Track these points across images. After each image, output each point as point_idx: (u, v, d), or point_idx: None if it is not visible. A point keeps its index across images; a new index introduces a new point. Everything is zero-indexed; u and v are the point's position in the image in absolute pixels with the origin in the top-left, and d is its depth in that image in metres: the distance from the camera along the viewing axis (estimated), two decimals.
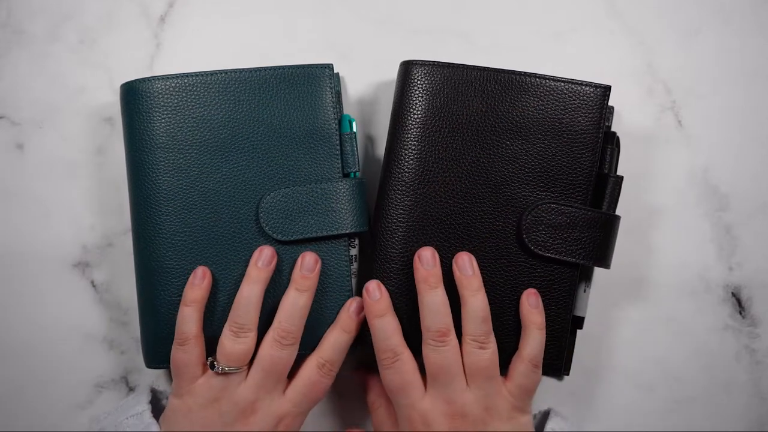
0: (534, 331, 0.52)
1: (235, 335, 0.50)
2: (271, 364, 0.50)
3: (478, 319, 0.50)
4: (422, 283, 0.51)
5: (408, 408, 0.50)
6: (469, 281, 0.51)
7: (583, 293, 0.55)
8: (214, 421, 0.50)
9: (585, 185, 0.54)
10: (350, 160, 0.55)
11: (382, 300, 0.51)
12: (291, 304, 0.51)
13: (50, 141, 0.60)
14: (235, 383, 0.50)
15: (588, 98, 0.53)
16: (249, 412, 0.50)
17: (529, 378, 0.51)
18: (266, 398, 0.50)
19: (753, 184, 0.60)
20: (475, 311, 0.50)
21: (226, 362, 0.50)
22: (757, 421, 0.59)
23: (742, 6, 0.60)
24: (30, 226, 0.59)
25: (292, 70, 0.55)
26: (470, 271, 0.51)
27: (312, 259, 0.52)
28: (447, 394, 0.50)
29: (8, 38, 0.60)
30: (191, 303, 0.51)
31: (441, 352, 0.50)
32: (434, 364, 0.50)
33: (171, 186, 0.53)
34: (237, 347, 0.50)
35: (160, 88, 0.53)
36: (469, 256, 0.52)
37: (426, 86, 0.54)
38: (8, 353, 0.59)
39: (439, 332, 0.50)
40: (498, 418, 0.50)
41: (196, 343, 0.51)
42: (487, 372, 0.50)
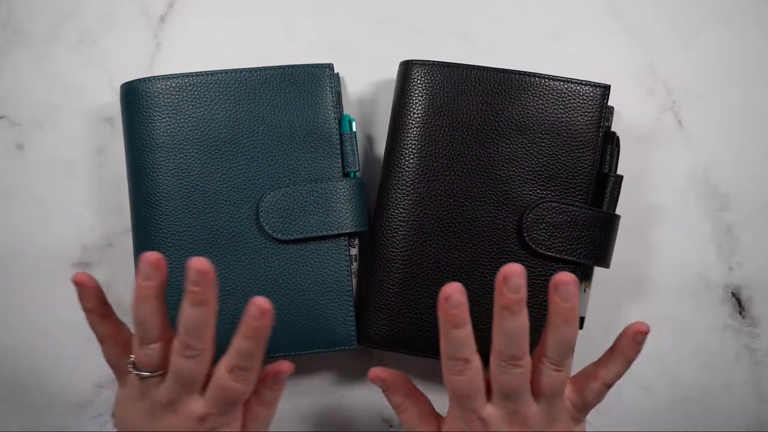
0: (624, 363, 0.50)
1: (141, 345, 0.48)
2: (179, 372, 0.47)
3: (564, 349, 0.47)
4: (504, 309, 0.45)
5: (471, 413, 0.48)
6: (566, 311, 0.46)
7: (583, 293, 0.55)
8: (145, 412, 0.49)
9: (585, 184, 0.54)
10: (350, 159, 0.55)
11: (465, 308, 0.46)
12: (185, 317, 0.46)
13: (50, 141, 0.60)
14: (154, 384, 0.48)
15: (587, 98, 0.54)
16: (171, 410, 0.48)
17: (596, 400, 0.50)
18: (183, 400, 0.48)
19: (753, 184, 0.60)
20: (563, 340, 0.47)
21: (139, 368, 0.48)
22: (756, 421, 0.59)
23: (742, 6, 0.60)
24: (30, 226, 0.59)
25: (292, 70, 0.55)
26: (571, 302, 0.46)
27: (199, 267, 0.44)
28: (513, 406, 0.48)
29: (8, 38, 0.60)
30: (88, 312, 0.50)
31: (513, 374, 0.47)
32: (505, 383, 0.47)
33: (171, 186, 0.53)
34: (145, 358, 0.48)
35: (160, 88, 0.53)
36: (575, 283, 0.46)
37: (426, 86, 0.54)
38: (8, 353, 0.59)
39: (515, 357, 0.46)
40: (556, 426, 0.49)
41: (112, 343, 0.50)
42: (556, 391, 0.48)
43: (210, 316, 0.46)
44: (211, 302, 0.46)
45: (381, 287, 0.54)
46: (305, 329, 0.53)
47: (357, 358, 0.59)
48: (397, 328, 0.54)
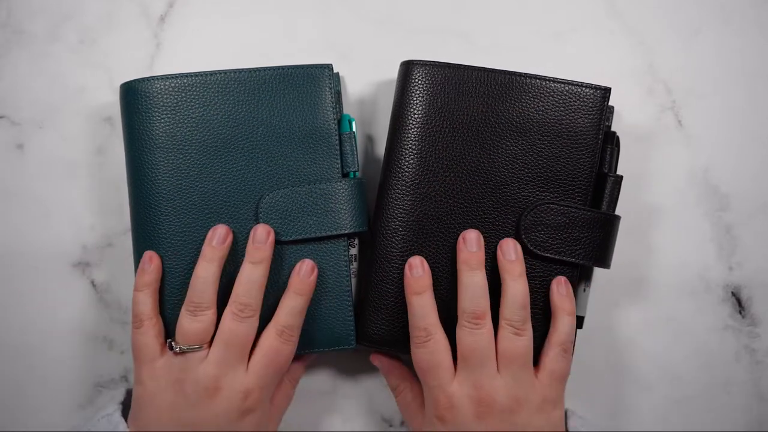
0: (564, 317, 0.52)
1: (192, 314, 0.50)
2: (231, 338, 0.49)
3: (517, 305, 0.50)
4: (463, 264, 0.51)
5: (436, 389, 0.50)
6: (512, 266, 0.51)
7: (583, 293, 0.55)
8: (179, 403, 0.49)
9: (585, 186, 0.54)
10: (350, 159, 0.55)
11: (425, 277, 0.51)
12: (246, 277, 0.50)
13: (50, 141, 0.60)
14: (196, 362, 0.49)
15: (588, 100, 0.54)
16: (213, 390, 0.49)
17: (559, 363, 0.51)
18: (229, 374, 0.49)
19: (753, 184, 0.60)
20: (514, 296, 0.50)
21: (184, 341, 0.49)
22: (757, 421, 0.59)
23: (742, 6, 0.60)
24: (30, 226, 0.59)
25: (291, 70, 0.55)
26: (513, 256, 0.51)
27: (264, 230, 0.51)
28: (476, 378, 0.49)
29: (8, 38, 0.60)
30: (142, 288, 0.51)
31: (475, 334, 0.49)
32: (467, 346, 0.49)
33: (170, 186, 0.53)
34: (195, 326, 0.49)
35: (160, 88, 0.53)
36: (514, 242, 0.52)
37: (426, 86, 0.54)
38: (8, 353, 0.59)
39: (474, 314, 0.50)
40: (527, 409, 0.49)
41: (151, 325, 0.51)
42: (520, 360, 0.50)
43: (265, 278, 0.51)
44: (268, 263, 0.51)
45: (380, 287, 0.54)
46: (305, 329, 0.53)
47: (357, 357, 0.59)
48: (395, 327, 0.54)
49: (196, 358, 0.49)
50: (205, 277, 0.50)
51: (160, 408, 0.49)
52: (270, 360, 0.50)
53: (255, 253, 0.51)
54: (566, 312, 0.52)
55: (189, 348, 0.49)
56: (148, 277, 0.52)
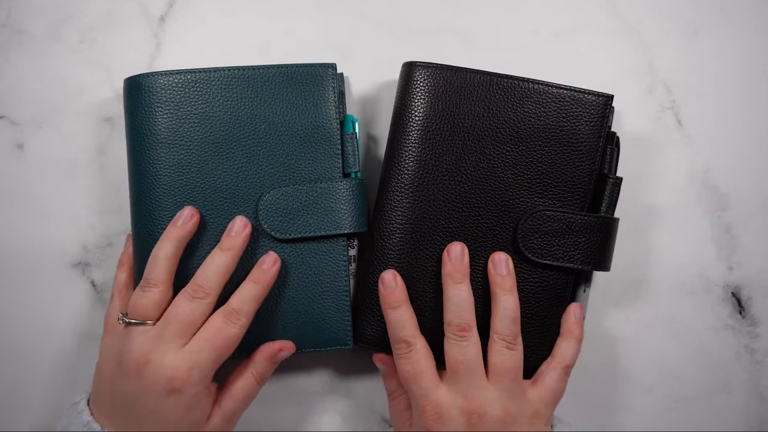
0: (572, 342, 0.52)
1: (142, 289, 0.50)
2: (174, 314, 0.49)
3: (508, 319, 0.50)
4: (448, 277, 0.51)
5: (422, 399, 0.50)
6: (503, 280, 0.51)
7: (583, 293, 0.55)
8: (117, 374, 0.49)
9: (583, 192, 0.53)
10: (351, 160, 0.55)
11: (398, 291, 0.52)
12: (210, 262, 0.51)
13: (50, 141, 0.60)
14: (137, 334, 0.49)
15: (590, 106, 0.53)
16: (142, 363, 0.48)
17: (558, 384, 0.51)
18: (161, 349, 0.48)
19: (753, 184, 0.60)
20: (506, 310, 0.51)
21: (131, 315, 0.50)
22: (757, 421, 0.59)
23: (742, 6, 0.60)
24: (30, 226, 0.59)
25: (295, 69, 0.55)
26: (505, 271, 0.52)
27: (242, 222, 0.52)
28: (466, 389, 0.49)
29: (8, 38, 0.60)
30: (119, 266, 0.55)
31: (462, 347, 0.50)
32: (454, 358, 0.50)
33: (172, 182, 0.53)
34: (141, 300, 0.49)
35: (163, 83, 0.53)
36: (506, 256, 0.52)
37: (428, 89, 0.54)
38: (8, 353, 0.59)
39: (459, 327, 0.50)
40: (519, 423, 0.49)
41: (119, 297, 0.54)
42: (512, 374, 0.50)
43: (231, 266, 0.51)
44: (237, 254, 0.51)
45: (377, 289, 0.54)
46: (302, 328, 0.53)
47: (356, 358, 0.59)
48: None
49: (138, 331, 0.49)
50: (160, 254, 0.50)
51: (104, 377, 0.50)
52: (208, 339, 0.49)
53: (226, 240, 0.51)
54: (575, 338, 0.52)
55: (132, 321, 0.50)
56: (123, 256, 0.55)
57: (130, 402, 0.49)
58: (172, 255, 0.51)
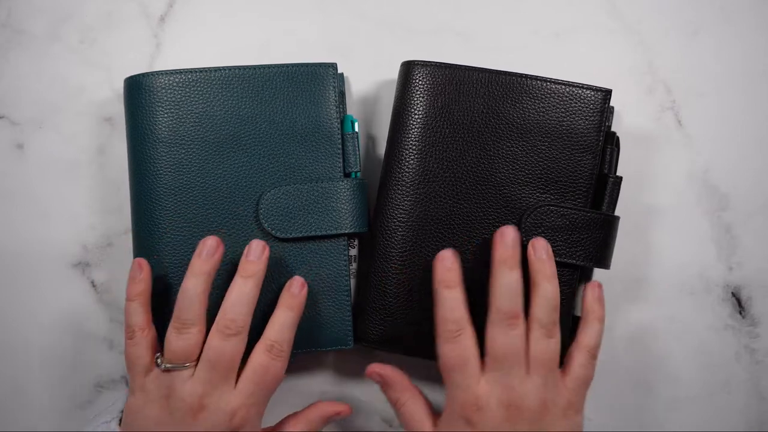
0: (596, 323, 0.51)
1: (179, 332, 0.48)
2: (216, 356, 0.48)
3: (550, 307, 0.49)
4: (501, 263, 0.49)
5: (463, 389, 0.48)
6: (543, 265, 0.50)
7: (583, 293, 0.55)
8: (165, 418, 0.48)
9: (585, 187, 0.54)
10: (352, 160, 0.55)
11: (455, 271, 0.50)
12: (236, 292, 0.49)
13: (50, 141, 0.60)
14: (182, 380, 0.48)
15: (589, 101, 0.53)
16: (197, 408, 0.48)
17: (587, 369, 0.51)
18: (214, 393, 0.48)
19: (753, 184, 0.60)
20: (547, 297, 0.49)
21: (171, 359, 0.48)
22: (757, 421, 0.59)
23: (742, 6, 0.60)
24: (30, 226, 0.59)
25: (296, 69, 0.55)
26: (545, 255, 0.50)
27: (259, 246, 0.50)
28: (507, 380, 0.48)
29: (8, 38, 0.60)
30: (135, 297, 0.50)
31: (510, 335, 0.48)
32: (501, 346, 0.48)
33: (172, 181, 0.53)
34: (180, 344, 0.48)
35: (164, 83, 0.53)
36: (545, 241, 0.51)
37: (427, 87, 0.54)
38: (9, 353, 0.59)
39: (511, 314, 0.48)
40: (554, 413, 0.48)
41: (143, 336, 0.50)
42: (550, 363, 0.49)
43: (255, 295, 0.50)
44: (260, 280, 0.50)
45: (379, 288, 0.54)
46: (302, 327, 0.53)
47: (357, 358, 0.59)
48: (394, 328, 0.54)
49: (182, 376, 0.48)
50: (192, 292, 0.49)
51: (147, 421, 0.49)
52: (259, 378, 0.49)
53: (247, 266, 0.50)
54: (598, 318, 0.51)
55: (174, 366, 0.48)
56: (139, 286, 0.50)
57: None
58: (203, 291, 0.49)
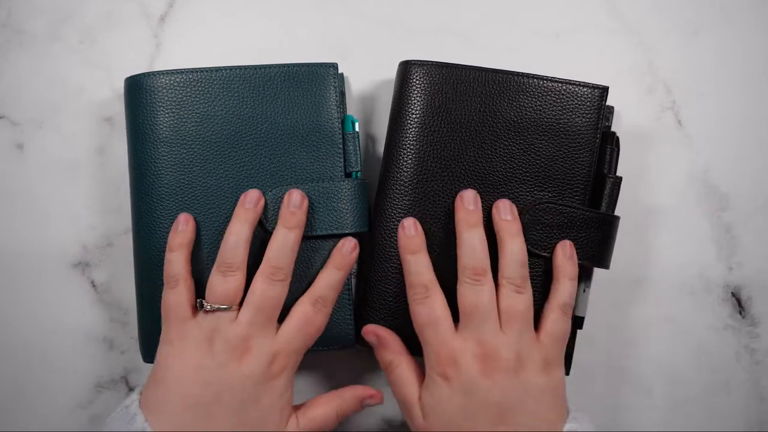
0: (566, 281, 0.52)
1: (223, 274, 0.50)
2: (262, 300, 0.50)
3: (516, 263, 0.51)
4: (462, 222, 0.52)
5: (438, 345, 0.50)
6: (509, 225, 0.52)
7: (583, 293, 0.55)
8: (208, 363, 0.48)
9: (583, 185, 0.54)
10: (352, 159, 0.55)
11: (417, 237, 0.52)
12: (280, 241, 0.51)
13: (50, 141, 0.60)
14: (226, 322, 0.49)
15: (585, 99, 0.54)
16: (242, 350, 0.49)
17: (559, 325, 0.51)
18: (259, 336, 0.49)
19: (753, 184, 0.60)
20: (513, 254, 0.51)
21: (215, 301, 0.49)
22: (757, 421, 0.59)
23: (742, 6, 0.60)
24: (30, 226, 0.59)
25: (296, 69, 0.55)
26: (509, 216, 0.52)
27: (298, 195, 0.52)
28: (480, 334, 0.49)
29: (8, 38, 0.60)
30: (176, 248, 0.51)
31: (477, 291, 0.50)
32: (469, 302, 0.50)
33: (173, 181, 0.53)
34: (225, 286, 0.49)
35: (165, 83, 0.53)
36: (510, 202, 0.52)
37: (424, 86, 0.54)
38: (8, 353, 0.59)
39: (475, 270, 0.50)
40: (531, 368, 0.49)
41: (185, 285, 0.51)
42: (522, 317, 0.50)
43: (297, 243, 0.52)
44: (301, 230, 0.52)
45: (379, 287, 0.54)
46: None
47: (357, 357, 0.59)
48: (394, 327, 0.54)
49: (227, 317, 0.49)
50: (237, 237, 0.50)
51: (187, 367, 0.49)
52: (301, 326, 0.51)
53: (290, 218, 0.51)
54: (567, 276, 0.52)
55: (219, 307, 0.49)
56: (182, 237, 0.52)
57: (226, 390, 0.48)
58: (248, 238, 0.51)
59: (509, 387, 0.49)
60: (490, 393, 0.48)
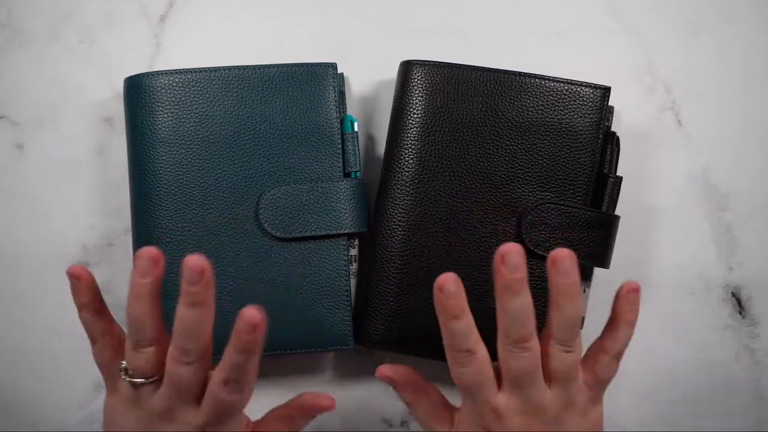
0: (627, 328, 0.49)
1: (135, 350, 0.46)
2: (175, 381, 0.45)
3: (570, 326, 0.46)
4: (506, 290, 0.45)
5: (482, 404, 0.47)
6: (567, 287, 0.45)
7: (583, 293, 0.55)
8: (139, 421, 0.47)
9: (585, 185, 0.54)
10: (351, 159, 0.55)
11: (459, 296, 0.45)
12: (182, 319, 0.43)
13: (50, 141, 0.60)
14: (148, 392, 0.46)
15: (587, 99, 0.54)
16: (167, 419, 0.46)
17: (610, 372, 0.49)
18: (181, 408, 0.46)
19: (753, 184, 0.60)
20: (569, 319, 0.46)
21: (133, 374, 0.46)
22: (757, 421, 0.59)
23: (742, 6, 0.60)
24: (30, 226, 0.59)
25: (296, 68, 0.55)
26: (571, 278, 0.45)
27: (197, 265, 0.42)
28: (527, 395, 0.47)
29: (8, 38, 0.60)
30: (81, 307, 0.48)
31: (522, 359, 0.46)
32: (515, 369, 0.46)
33: (172, 181, 0.53)
34: (138, 362, 0.46)
35: (164, 82, 0.53)
36: (572, 258, 0.45)
37: (426, 86, 0.54)
38: (8, 353, 0.59)
39: (521, 339, 0.46)
40: (572, 412, 0.48)
41: (105, 343, 0.48)
42: (570, 374, 0.47)
43: (207, 319, 0.44)
44: (208, 303, 0.43)
45: (379, 288, 0.54)
46: (302, 328, 0.53)
47: (357, 358, 0.59)
48: (395, 328, 0.54)
49: (147, 390, 0.46)
50: (137, 315, 0.44)
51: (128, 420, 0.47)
52: (218, 409, 0.46)
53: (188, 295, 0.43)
54: (629, 323, 0.49)
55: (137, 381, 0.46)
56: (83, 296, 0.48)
57: None
58: (150, 311, 0.44)
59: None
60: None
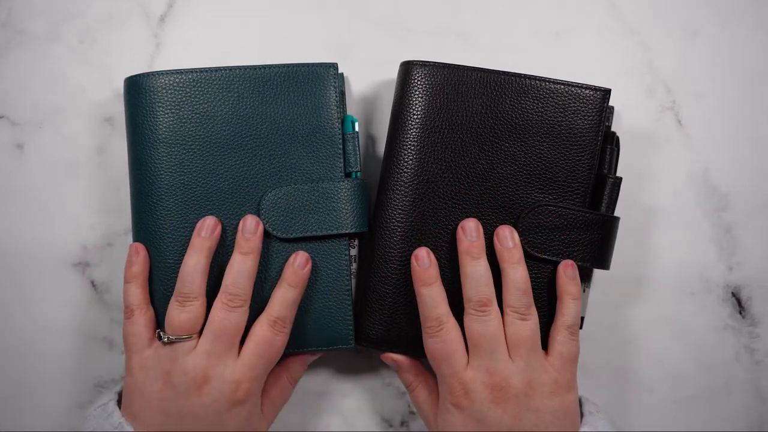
0: (570, 301, 0.52)
1: (181, 304, 0.50)
2: (221, 328, 0.49)
3: (519, 291, 0.51)
4: (465, 254, 0.52)
5: (450, 377, 0.50)
6: (509, 253, 0.52)
7: (583, 293, 0.55)
8: (167, 393, 0.49)
9: (583, 187, 0.54)
10: (352, 160, 0.55)
11: (432, 268, 0.52)
12: (236, 267, 0.51)
13: (50, 141, 0.60)
14: (185, 352, 0.49)
15: (587, 101, 0.53)
16: (201, 381, 0.49)
17: (567, 346, 0.51)
18: (218, 365, 0.49)
19: (753, 184, 0.60)
20: (515, 283, 0.51)
21: (173, 331, 0.50)
22: (757, 421, 0.59)
23: (741, 6, 0.60)
24: (30, 226, 0.59)
25: (296, 69, 0.55)
26: (511, 244, 0.52)
27: (253, 221, 0.52)
28: (489, 364, 0.50)
29: (8, 38, 0.60)
30: (131, 279, 0.52)
31: (483, 321, 0.50)
32: (476, 333, 0.50)
33: (172, 181, 0.53)
34: (183, 316, 0.49)
35: (164, 83, 0.53)
36: (510, 229, 0.52)
37: (426, 87, 0.54)
38: (8, 353, 0.59)
39: (480, 302, 0.50)
40: (541, 393, 0.50)
41: (141, 314, 0.51)
42: (528, 343, 0.50)
43: (255, 269, 0.51)
44: (257, 254, 0.51)
45: (379, 288, 0.54)
46: (303, 327, 0.53)
47: (357, 357, 0.59)
48: (394, 328, 0.54)
49: (185, 348, 0.49)
50: (193, 267, 0.50)
51: (149, 398, 0.49)
52: (262, 350, 0.50)
53: (244, 244, 0.51)
54: (571, 296, 0.52)
55: (177, 338, 0.49)
56: (136, 268, 0.52)
57: (190, 419, 0.49)
58: (204, 267, 0.51)
59: (520, 413, 0.49)
60: (502, 420, 0.49)
